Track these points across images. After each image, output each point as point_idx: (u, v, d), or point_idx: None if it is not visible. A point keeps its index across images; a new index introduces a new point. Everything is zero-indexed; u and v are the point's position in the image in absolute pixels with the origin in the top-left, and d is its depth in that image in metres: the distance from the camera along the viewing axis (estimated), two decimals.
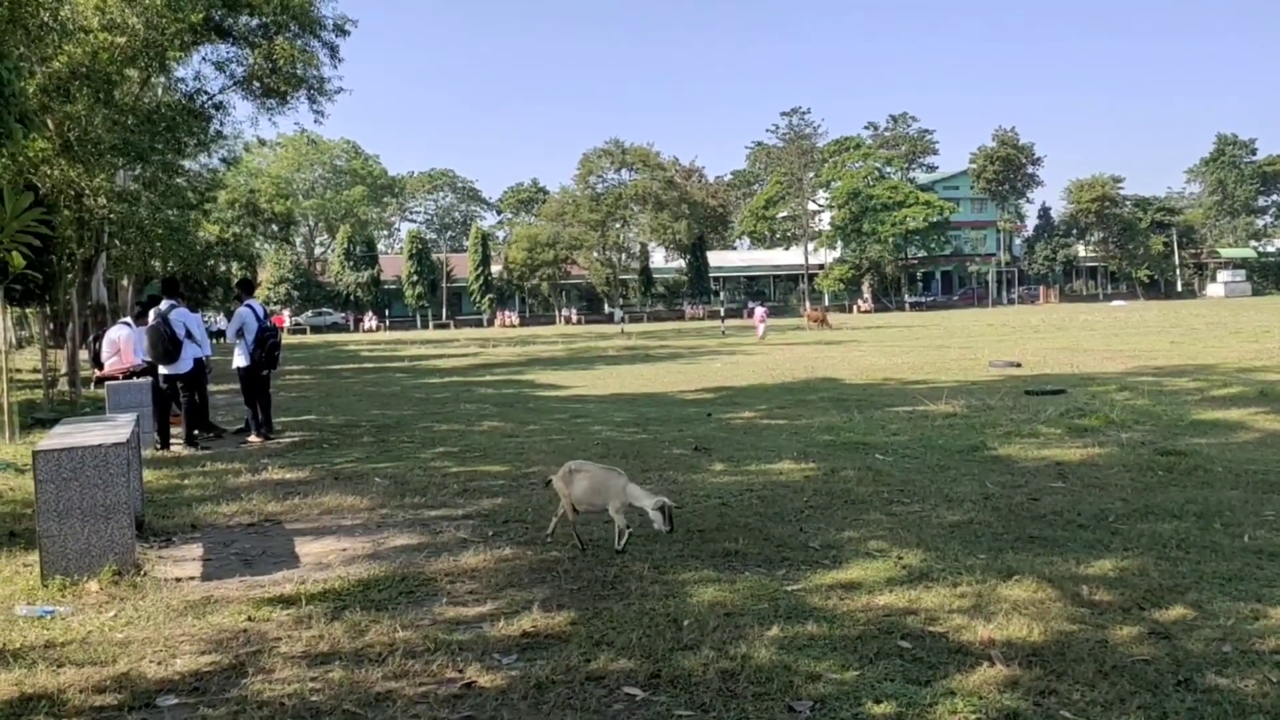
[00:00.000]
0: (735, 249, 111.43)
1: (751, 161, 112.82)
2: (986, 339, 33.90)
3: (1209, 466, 8.54)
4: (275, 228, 54.63)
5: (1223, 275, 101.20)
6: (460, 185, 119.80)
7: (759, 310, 45.36)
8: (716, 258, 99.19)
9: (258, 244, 58.86)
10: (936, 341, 33.57)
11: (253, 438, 12.44)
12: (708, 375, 21.69)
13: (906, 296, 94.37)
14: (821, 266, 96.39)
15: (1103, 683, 4.00)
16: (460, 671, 4.34)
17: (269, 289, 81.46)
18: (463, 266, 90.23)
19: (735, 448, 10.56)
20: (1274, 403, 12.95)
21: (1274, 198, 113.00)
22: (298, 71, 24.47)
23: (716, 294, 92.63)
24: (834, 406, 14.20)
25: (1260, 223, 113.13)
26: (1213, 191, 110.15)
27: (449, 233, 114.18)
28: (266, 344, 12.56)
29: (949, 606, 5.02)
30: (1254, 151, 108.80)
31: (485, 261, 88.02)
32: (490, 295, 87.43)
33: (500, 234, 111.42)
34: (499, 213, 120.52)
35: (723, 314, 58.45)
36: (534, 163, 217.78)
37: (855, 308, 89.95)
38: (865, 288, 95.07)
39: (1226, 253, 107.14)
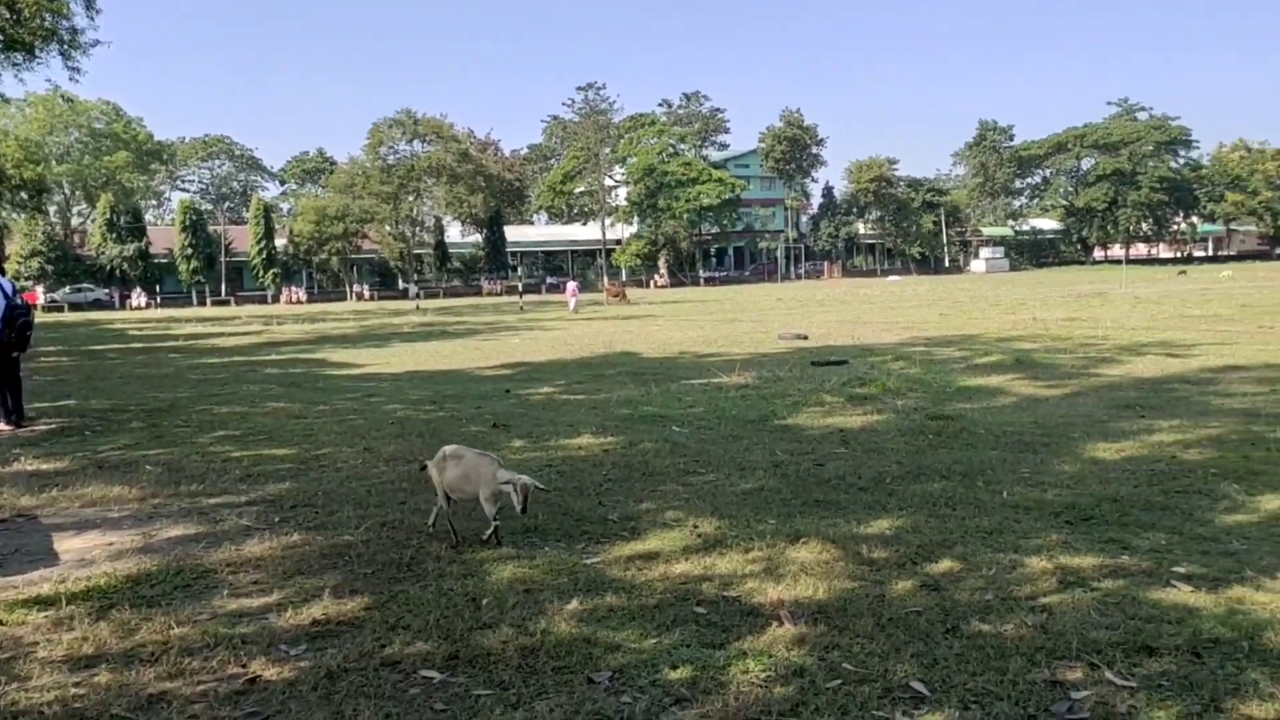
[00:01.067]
0: (533, 224, 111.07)
1: (548, 136, 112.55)
2: (776, 312, 35.32)
3: (973, 429, 9.23)
4: (25, 195, 49.68)
5: (984, 252, 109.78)
6: (239, 153, 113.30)
7: (571, 285, 45.62)
8: (514, 232, 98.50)
9: (4, 213, 53.40)
10: (729, 315, 34.68)
11: (1, 425, 11.32)
12: (506, 351, 21.51)
13: (701, 272, 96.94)
14: (619, 242, 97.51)
15: (880, 635, 4.24)
16: (244, 666, 4.10)
17: (19, 263, 74.13)
18: (243, 239, 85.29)
19: (534, 423, 10.52)
20: (1028, 369, 14.14)
21: (1029, 180, 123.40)
22: (46, 22, 22.14)
23: (514, 269, 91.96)
24: (632, 380, 14.40)
25: (1017, 203, 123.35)
26: (976, 174, 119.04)
27: (227, 204, 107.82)
28: (17, 323, 11.40)
29: (742, 571, 5.19)
30: (1012, 137, 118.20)
31: (269, 234, 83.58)
32: (275, 270, 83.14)
33: (285, 206, 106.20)
34: (282, 183, 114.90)
35: (520, 289, 58.16)
36: (320, 133, 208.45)
37: (652, 282, 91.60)
38: (662, 263, 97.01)
39: (988, 231, 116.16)
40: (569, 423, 10.41)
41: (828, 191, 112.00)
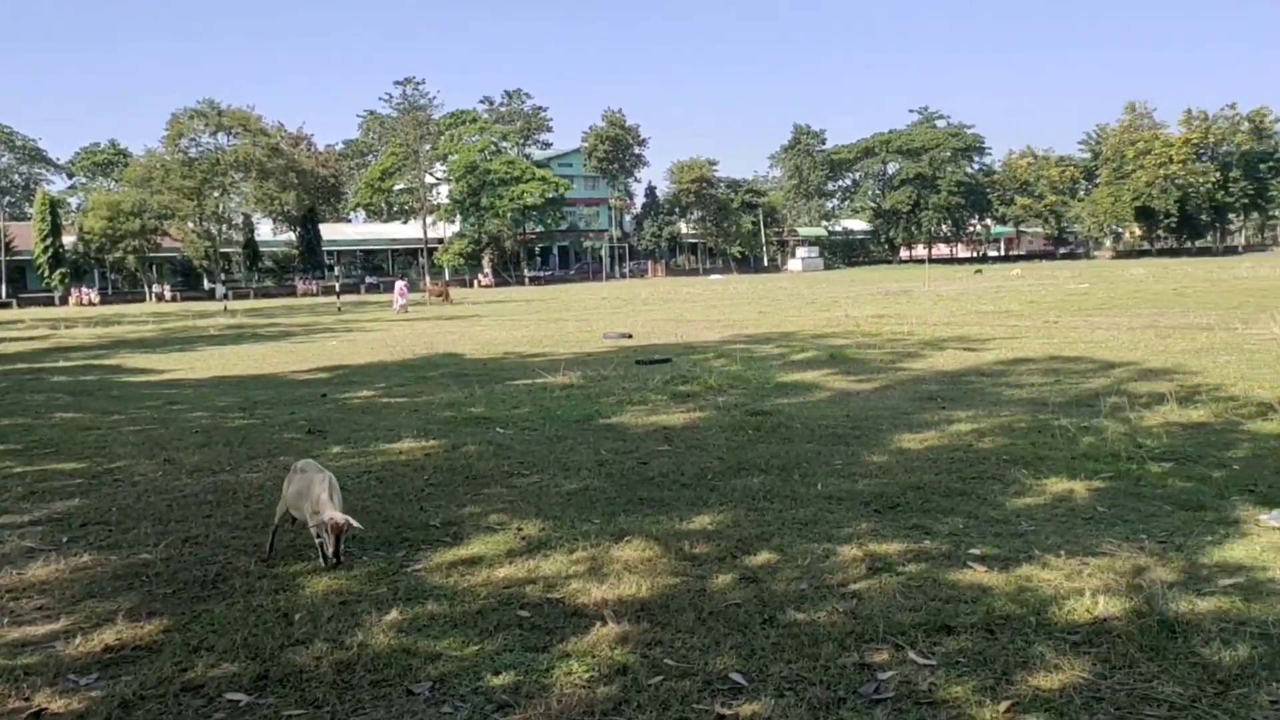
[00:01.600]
0: (350, 222, 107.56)
1: (365, 131, 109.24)
2: (601, 311, 35.55)
3: (790, 424, 9.55)
4: None
5: (801, 252, 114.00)
6: (20, 144, 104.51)
7: (399, 284, 44.59)
8: (330, 231, 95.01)
9: None
10: (554, 315, 34.66)
11: None
12: (323, 354, 20.75)
13: (526, 271, 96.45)
14: (441, 240, 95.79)
15: (701, 629, 4.32)
16: (27, 700, 3.78)
17: None
18: (26, 237, 78.61)
19: (352, 428, 10.18)
20: (841, 364, 14.77)
21: (840, 183, 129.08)
22: None
23: (331, 269, 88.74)
24: (455, 382, 14.16)
25: (830, 205, 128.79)
26: (791, 176, 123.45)
27: (7, 198, 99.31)
28: None
29: (566, 572, 5.18)
30: (824, 141, 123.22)
31: (55, 231, 77.15)
32: (63, 270, 76.84)
33: (73, 201, 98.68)
34: (70, 176, 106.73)
35: (338, 290, 56.26)
36: (112, 124, 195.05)
37: (476, 282, 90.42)
38: (486, 262, 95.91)
39: (804, 231, 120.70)
40: (389, 427, 10.13)
41: (650, 191, 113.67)
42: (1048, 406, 10.04)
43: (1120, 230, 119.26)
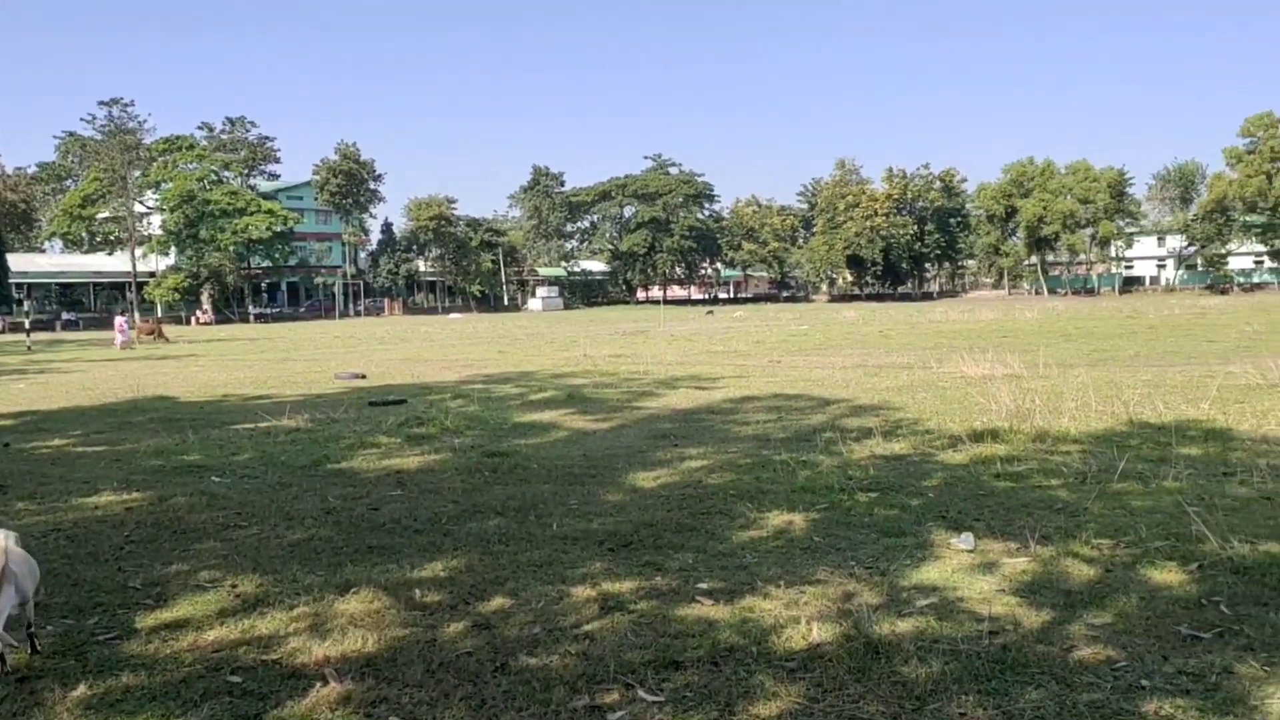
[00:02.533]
0: (45, 252, 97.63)
1: (63, 154, 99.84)
2: (333, 351, 34.16)
3: (527, 465, 9.52)
4: None
5: (541, 291, 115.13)
6: None
7: (119, 320, 40.81)
8: (20, 261, 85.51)
9: None
10: (282, 354, 32.92)
11: None
12: (7, 398, 18.55)
13: (251, 308, 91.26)
14: (153, 274, 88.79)
15: (430, 681, 4.17)
16: None
17: None
18: None
19: (40, 481, 9.13)
20: (579, 404, 14.95)
21: (579, 225, 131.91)
22: None
23: (20, 303, 79.77)
24: (165, 427, 13.05)
25: (569, 246, 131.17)
26: (531, 216, 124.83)
27: None
28: None
29: (285, 631, 4.85)
30: (563, 183, 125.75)
31: None
32: None
33: None
34: None
35: (28, 326, 50.63)
36: None
37: (194, 319, 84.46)
38: (205, 298, 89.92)
39: (544, 271, 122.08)
40: (84, 479, 9.16)
41: (387, 228, 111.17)
42: (771, 442, 10.59)
43: (835, 276, 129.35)
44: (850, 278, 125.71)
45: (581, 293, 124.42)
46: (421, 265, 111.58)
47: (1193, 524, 6.15)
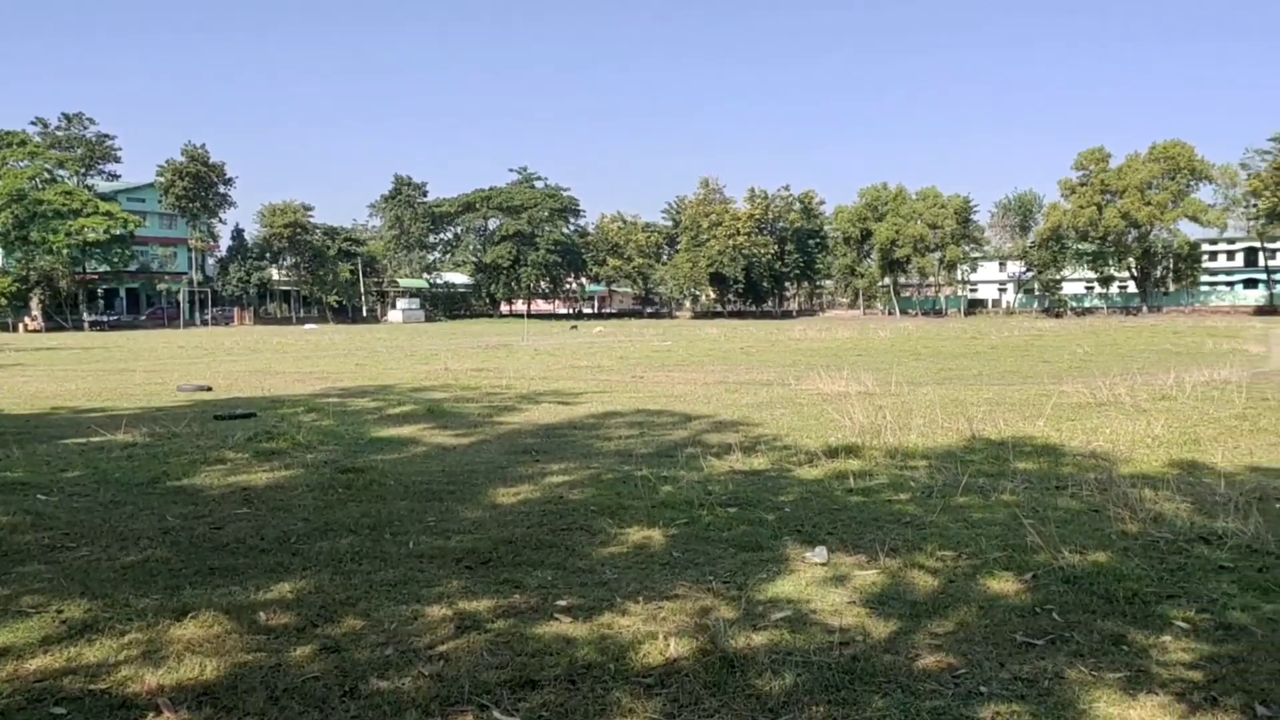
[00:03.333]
0: None
1: None
2: (177, 361, 32.56)
3: (383, 481, 9.26)
4: None
5: (401, 303, 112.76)
6: None
7: None
8: None
9: None
10: (120, 364, 31.18)
11: None
12: None
13: (86, 315, 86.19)
14: None
15: (273, 708, 3.98)
16: None
17: None
18: None
19: None
20: (439, 419, 14.67)
21: (442, 236, 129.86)
22: None
23: None
24: None
25: (431, 257, 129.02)
26: (392, 226, 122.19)
27: None
28: None
29: (115, 659, 4.56)
30: (425, 193, 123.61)
31: None
32: None
33: None
34: None
35: None
36: None
37: (22, 326, 79.13)
38: (35, 304, 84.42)
39: (405, 282, 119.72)
40: None
41: (238, 234, 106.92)
42: (633, 458, 10.64)
43: (698, 293, 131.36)
44: (713, 295, 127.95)
45: (444, 305, 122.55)
46: (275, 274, 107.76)
47: (1027, 535, 6.47)
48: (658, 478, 9.09)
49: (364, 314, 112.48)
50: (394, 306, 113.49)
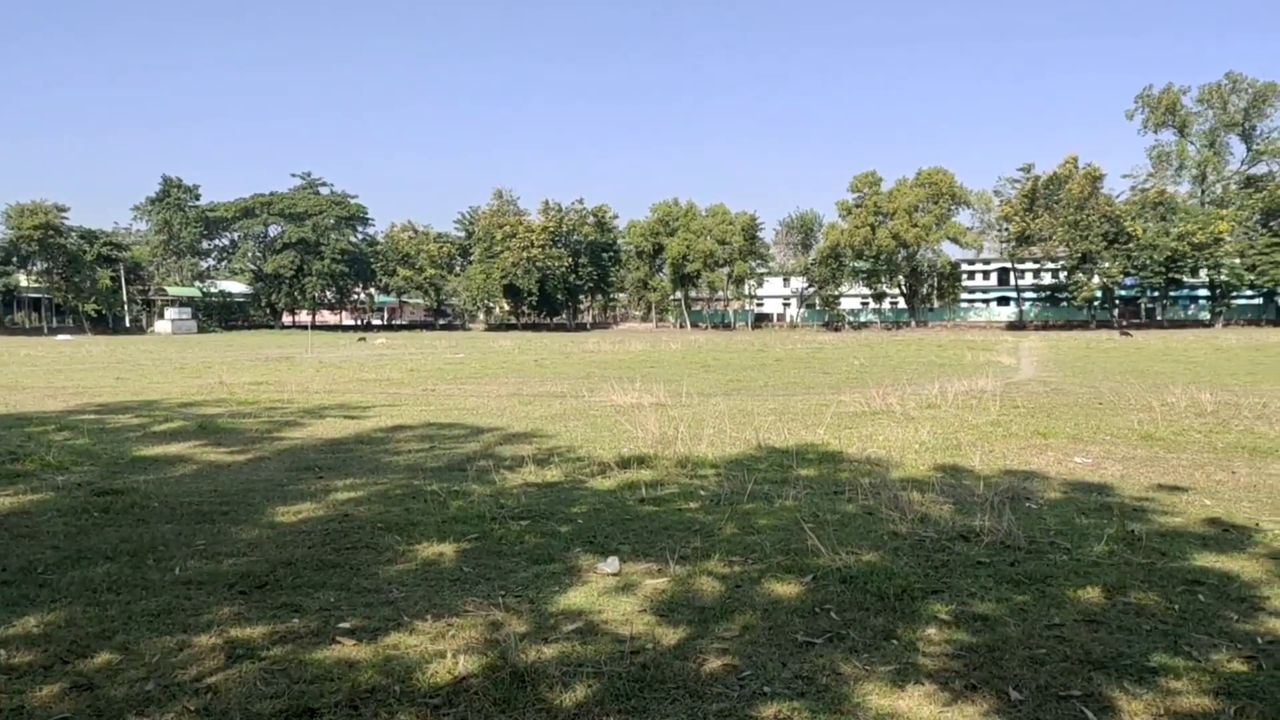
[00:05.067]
0: None
1: None
2: None
3: (146, 503, 8.59)
4: None
5: (170, 313, 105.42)
6: None
7: None
8: None
9: None
10: None
11: None
12: None
13: None
14: None
15: None
16: None
17: None
18: None
19: None
20: (212, 435, 13.79)
21: (217, 242, 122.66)
22: None
23: None
24: None
25: (205, 265, 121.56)
26: (159, 231, 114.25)
27: None
28: None
29: None
30: (198, 197, 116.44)
31: None
32: None
33: None
34: None
35: None
36: None
37: None
38: None
39: (174, 291, 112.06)
40: None
41: None
42: (422, 472, 10.37)
43: (492, 304, 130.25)
44: (507, 307, 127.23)
45: (219, 315, 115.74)
46: (23, 280, 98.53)
47: (808, 539, 6.76)
48: (448, 492, 8.90)
49: (127, 324, 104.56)
50: (162, 316, 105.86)
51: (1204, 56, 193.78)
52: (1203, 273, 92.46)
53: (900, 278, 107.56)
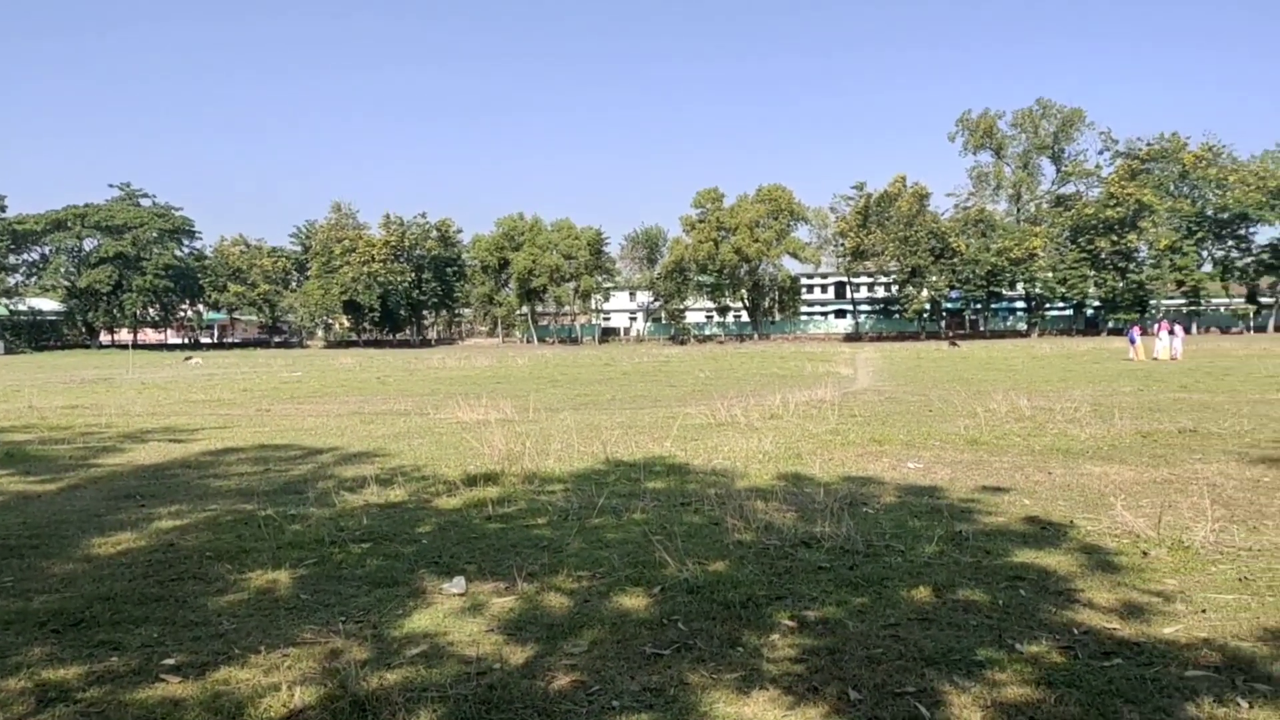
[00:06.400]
0: None
1: None
2: None
3: None
4: None
5: None
6: None
7: None
8: None
9: None
10: None
11: None
12: None
13: None
14: None
15: None
16: None
17: None
18: None
19: None
20: (20, 464, 12.83)
21: (26, 257, 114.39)
22: None
23: None
24: None
25: (13, 280, 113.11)
26: None
27: None
28: None
29: None
30: (4, 208, 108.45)
31: None
32: None
33: None
34: None
35: None
36: None
37: None
38: None
39: None
40: None
41: None
42: (256, 496, 9.91)
43: (331, 321, 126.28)
44: (348, 323, 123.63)
45: (28, 335, 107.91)
46: None
47: (656, 551, 6.80)
48: (284, 517, 8.54)
49: None
50: None
51: (1019, 80, 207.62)
52: (1020, 286, 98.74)
53: (743, 291, 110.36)
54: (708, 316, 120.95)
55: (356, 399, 25.36)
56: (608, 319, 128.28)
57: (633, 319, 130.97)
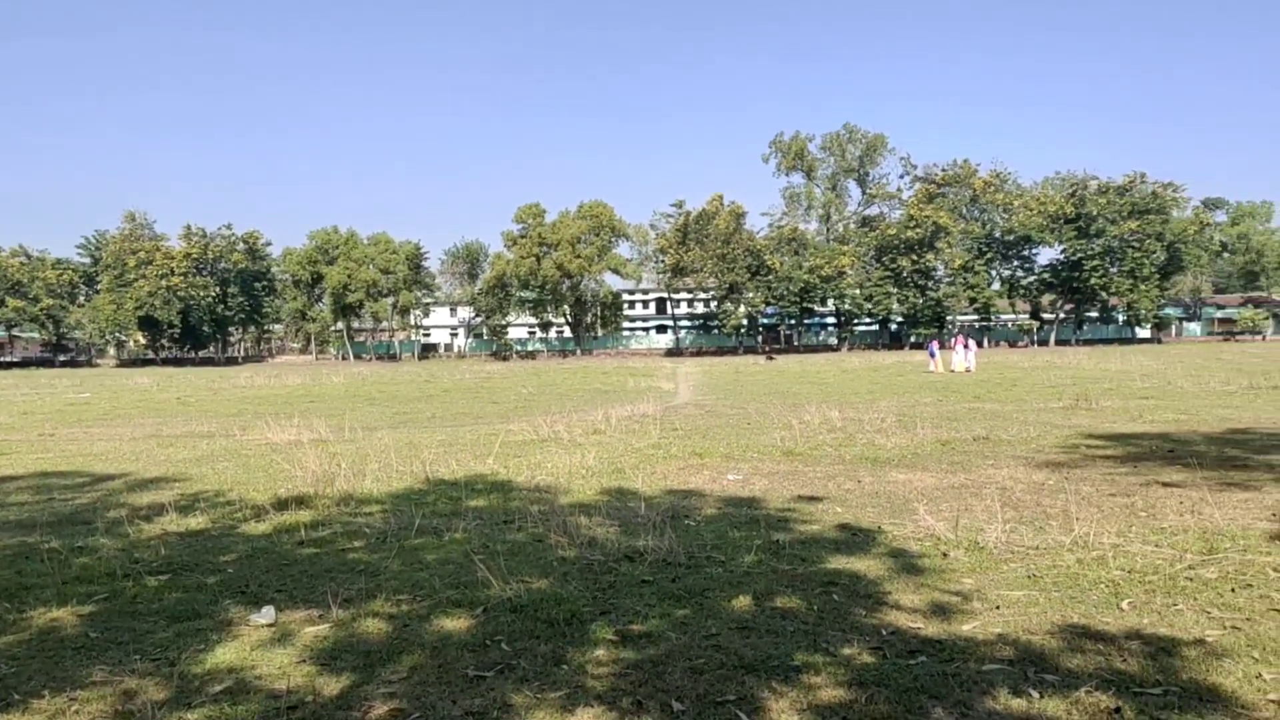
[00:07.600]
0: None
1: None
2: None
3: None
4: None
5: None
6: None
7: None
8: None
9: None
10: None
11: None
12: None
13: None
14: None
15: None
16: None
17: None
18: None
19: None
20: None
21: None
22: None
23: None
24: None
25: None
26: None
27: None
28: None
29: None
30: None
31: None
32: None
33: None
34: None
35: None
36: None
37: None
38: None
39: None
40: None
41: None
42: (38, 527, 9.11)
43: (125, 338, 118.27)
44: (144, 340, 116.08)
45: None
46: None
47: (478, 571, 6.67)
48: (70, 549, 7.89)
49: None
50: None
51: (829, 100, 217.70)
52: (830, 303, 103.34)
53: (565, 307, 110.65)
54: (530, 332, 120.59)
55: (153, 421, 23.82)
56: (428, 335, 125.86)
57: (454, 335, 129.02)
